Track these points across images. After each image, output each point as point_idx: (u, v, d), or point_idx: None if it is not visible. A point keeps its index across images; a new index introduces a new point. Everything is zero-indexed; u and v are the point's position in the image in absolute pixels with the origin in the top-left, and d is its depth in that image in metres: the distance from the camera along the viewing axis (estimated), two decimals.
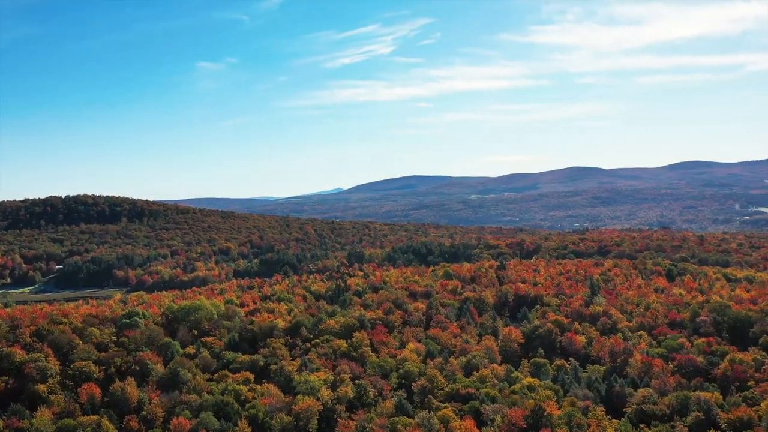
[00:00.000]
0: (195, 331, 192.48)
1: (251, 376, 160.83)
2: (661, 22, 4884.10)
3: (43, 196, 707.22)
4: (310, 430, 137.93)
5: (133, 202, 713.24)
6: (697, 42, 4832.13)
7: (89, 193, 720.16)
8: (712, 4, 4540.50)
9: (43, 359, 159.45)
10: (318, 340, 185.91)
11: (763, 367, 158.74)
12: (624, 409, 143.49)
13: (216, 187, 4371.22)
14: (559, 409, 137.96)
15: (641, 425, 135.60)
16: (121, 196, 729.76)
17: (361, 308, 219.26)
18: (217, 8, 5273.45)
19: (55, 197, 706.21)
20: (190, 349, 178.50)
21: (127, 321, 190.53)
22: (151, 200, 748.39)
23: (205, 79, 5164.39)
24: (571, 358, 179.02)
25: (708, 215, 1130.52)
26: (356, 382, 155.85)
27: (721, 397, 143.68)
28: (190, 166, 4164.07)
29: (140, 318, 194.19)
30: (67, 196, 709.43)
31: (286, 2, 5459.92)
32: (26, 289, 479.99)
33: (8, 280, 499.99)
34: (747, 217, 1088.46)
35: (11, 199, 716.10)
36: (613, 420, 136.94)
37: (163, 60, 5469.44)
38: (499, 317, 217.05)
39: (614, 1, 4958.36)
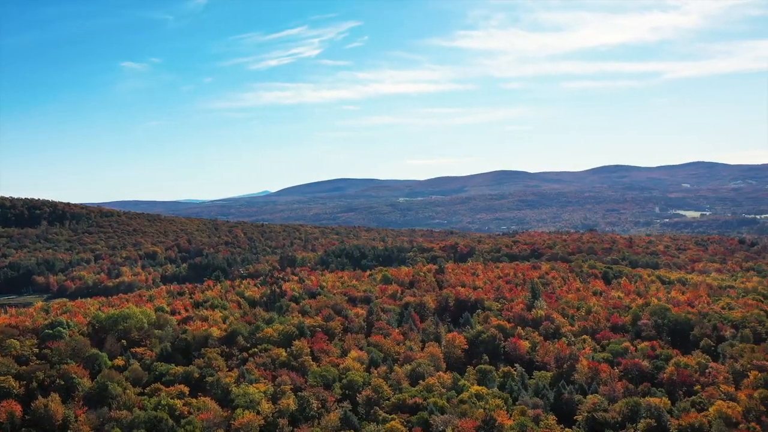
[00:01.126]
0: (124, 342, 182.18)
1: (186, 389, 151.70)
2: (585, 29, 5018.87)
3: None
4: None
5: (54, 205, 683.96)
6: (619, 49, 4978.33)
7: (6, 195, 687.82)
8: (634, 12, 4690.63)
9: None
10: (256, 349, 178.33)
11: (707, 371, 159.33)
12: (575, 417, 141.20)
13: (140, 190, 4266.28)
14: (510, 418, 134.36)
15: None
16: (41, 198, 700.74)
17: (299, 315, 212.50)
18: (140, 7, 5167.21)
19: None
20: (119, 361, 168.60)
21: (50, 331, 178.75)
22: (73, 203, 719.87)
23: (129, 80, 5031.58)
24: (516, 364, 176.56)
25: (629, 218, 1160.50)
26: (298, 393, 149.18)
27: (669, 402, 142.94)
28: (114, 168, 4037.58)
29: (64, 328, 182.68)
30: None
31: (211, 2, 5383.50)
32: None
33: None
34: (667, 220, 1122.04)
35: None
36: (566, 429, 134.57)
37: (85, 59, 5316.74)
38: (441, 322, 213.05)
39: (538, 7, 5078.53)
